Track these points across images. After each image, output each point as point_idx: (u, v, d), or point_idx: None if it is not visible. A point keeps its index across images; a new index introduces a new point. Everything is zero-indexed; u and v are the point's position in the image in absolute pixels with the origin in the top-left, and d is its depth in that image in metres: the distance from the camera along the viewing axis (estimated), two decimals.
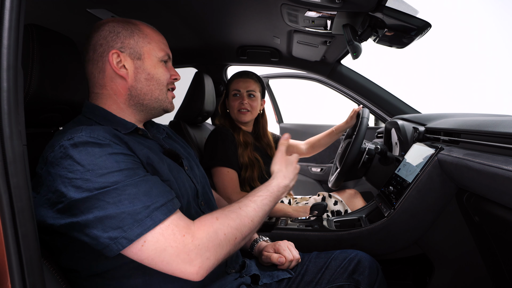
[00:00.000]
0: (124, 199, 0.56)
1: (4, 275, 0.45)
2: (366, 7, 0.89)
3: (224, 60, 1.94)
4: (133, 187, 0.58)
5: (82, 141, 0.58)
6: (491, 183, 0.69)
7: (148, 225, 0.56)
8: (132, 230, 0.54)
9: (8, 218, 0.45)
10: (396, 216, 1.04)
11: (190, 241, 0.58)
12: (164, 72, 0.77)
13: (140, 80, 0.74)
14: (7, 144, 0.45)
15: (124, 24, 0.74)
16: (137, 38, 0.74)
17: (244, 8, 1.22)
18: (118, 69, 0.72)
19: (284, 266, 0.87)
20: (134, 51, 0.73)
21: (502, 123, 0.74)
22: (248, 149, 1.43)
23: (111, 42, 0.72)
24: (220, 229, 0.62)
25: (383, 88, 1.81)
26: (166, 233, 0.57)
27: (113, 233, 0.54)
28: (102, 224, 0.54)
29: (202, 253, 0.58)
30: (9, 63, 0.45)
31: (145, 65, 0.74)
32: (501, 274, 0.92)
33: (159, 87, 0.76)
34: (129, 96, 0.74)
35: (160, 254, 0.56)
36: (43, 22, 0.99)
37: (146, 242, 0.55)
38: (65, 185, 0.55)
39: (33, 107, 0.68)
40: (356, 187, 2.16)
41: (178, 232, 0.58)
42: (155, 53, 0.75)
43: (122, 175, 0.58)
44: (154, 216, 0.57)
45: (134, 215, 0.55)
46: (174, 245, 0.57)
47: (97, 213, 0.54)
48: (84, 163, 0.56)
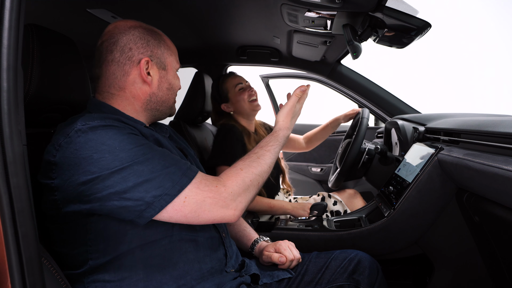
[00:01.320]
0: (157, 164, 0.61)
1: (4, 275, 0.45)
2: (366, 7, 0.89)
3: (224, 60, 1.94)
4: (160, 155, 0.64)
5: (98, 125, 0.60)
6: (491, 183, 0.69)
7: (185, 181, 0.63)
8: (173, 187, 0.61)
9: (8, 218, 0.45)
10: (396, 216, 1.04)
11: (223, 190, 0.67)
12: (179, 83, 0.84)
13: (163, 89, 0.79)
14: (7, 144, 0.45)
15: (152, 32, 0.78)
16: (163, 49, 0.78)
17: (244, 8, 1.22)
18: (146, 76, 0.75)
19: (284, 265, 0.87)
20: (160, 61, 0.78)
21: (502, 123, 0.74)
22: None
23: (142, 48, 0.74)
24: (246, 177, 0.71)
25: (383, 88, 1.81)
26: (201, 187, 0.65)
27: (156, 192, 0.59)
28: (143, 187, 0.58)
29: (235, 198, 0.68)
30: (9, 63, 0.45)
31: (168, 75, 0.79)
32: (501, 274, 0.92)
33: (174, 96, 0.83)
34: (148, 102, 0.77)
35: (201, 205, 0.63)
36: (43, 22, 0.99)
37: (187, 197, 0.62)
38: (94, 165, 0.57)
39: (33, 107, 0.68)
40: (356, 187, 2.16)
41: (211, 184, 0.66)
42: (174, 65, 0.82)
43: (146, 148, 0.63)
44: (188, 173, 0.64)
45: (170, 174, 0.62)
46: (211, 195, 0.65)
47: (135, 180, 0.58)
48: (108, 143, 0.59)
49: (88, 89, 0.80)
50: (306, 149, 1.85)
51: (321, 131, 1.78)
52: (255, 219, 1.36)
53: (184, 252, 0.68)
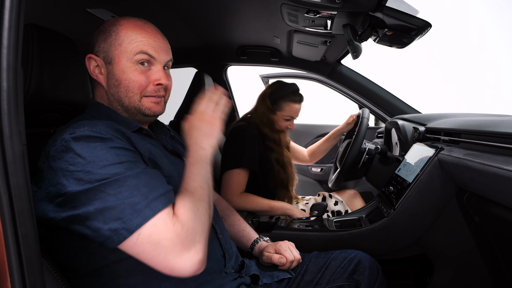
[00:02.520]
0: (124, 190, 0.56)
1: (4, 275, 0.45)
2: (366, 7, 0.89)
3: (224, 60, 1.94)
4: (134, 178, 0.58)
5: (84, 135, 0.58)
6: (491, 183, 0.69)
7: (147, 214, 0.55)
8: (131, 221, 0.54)
9: (8, 218, 0.45)
10: (396, 216, 1.04)
11: (180, 228, 0.57)
12: (135, 78, 0.69)
13: (111, 85, 0.71)
14: (7, 144, 0.45)
15: (107, 26, 0.71)
16: (111, 40, 0.69)
17: (244, 8, 1.22)
18: (94, 74, 0.72)
19: (285, 266, 0.87)
20: (107, 55, 0.70)
21: (502, 123, 0.74)
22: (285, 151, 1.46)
23: (92, 45, 0.72)
24: (193, 206, 0.61)
25: (383, 88, 1.81)
26: (158, 224, 0.56)
27: (113, 225, 0.54)
28: (103, 215, 0.54)
29: (194, 237, 0.58)
30: (8, 63, 0.45)
31: (114, 69, 0.70)
32: (501, 274, 0.92)
33: (128, 94, 0.70)
34: (109, 101, 0.73)
35: (155, 248, 0.55)
36: (43, 22, 0.99)
37: (140, 234, 0.54)
38: (66, 178, 0.55)
39: (33, 107, 0.67)
40: (356, 187, 2.16)
41: (169, 221, 0.57)
42: (126, 55, 0.69)
43: (122, 167, 0.58)
44: (153, 206, 0.57)
45: (133, 205, 0.55)
46: (168, 236, 0.55)
47: (98, 205, 0.54)
48: (85, 156, 0.56)
49: (88, 89, 0.80)
50: (309, 162, 1.85)
51: (324, 143, 1.78)
52: (255, 219, 1.36)
53: None
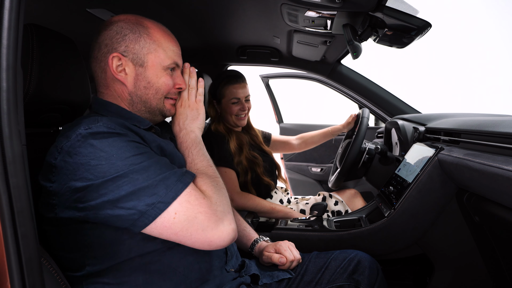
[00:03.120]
0: (152, 172, 0.59)
1: (4, 275, 0.45)
2: (366, 7, 0.89)
3: (224, 60, 1.94)
4: (157, 163, 0.61)
5: (100, 131, 0.59)
6: (491, 183, 0.69)
7: (180, 187, 0.60)
8: (166, 194, 0.58)
9: (8, 218, 0.45)
10: (396, 216, 1.04)
11: (210, 201, 0.62)
12: (166, 82, 0.74)
13: (140, 87, 0.73)
14: (7, 144, 0.45)
15: (134, 25, 0.71)
16: (143, 43, 0.71)
17: (244, 8, 1.22)
18: (117, 73, 0.71)
19: (285, 266, 0.87)
20: (137, 57, 0.71)
21: (502, 123, 0.74)
22: (244, 151, 1.42)
23: (115, 44, 0.70)
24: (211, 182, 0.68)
25: (383, 88, 1.81)
26: (191, 200, 0.60)
27: (149, 200, 0.57)
28: (136, 195, 0.57)
29: (223, 209, 0.63)
30: (8, 63, 0.45)
31: (147, 72, 0.72)
32: (501, 274, 0.92)
33: (156, 96, 0.74)
34: (131, 102, 0.74)
35: (193, 222, 0.59)
36: (42, 21, 0.99)
37: (177, 213, 0.58)
38: (90, 172, 0.56)
39: (32, 107, 0.67)
40: (356, 187, 2.16)
41: (200, 196, 0.61)
42: (161, 61, 0.72)
43: (144, 156, 0.61)
44: (183, 179, 0.61)
45: (164, 181, 0.59)
46: (202, 210, 0.60)
47: (128, 189, 0.56)
48: (106, 150, 0.58)
49: (88, 89, 0.80)
50: (298, 150, 1.83)
51: (320, 135, 1.77)
52: (255, 219, 1.36)
53: (184, 256, 0.68)
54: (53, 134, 0.79)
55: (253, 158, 1.42)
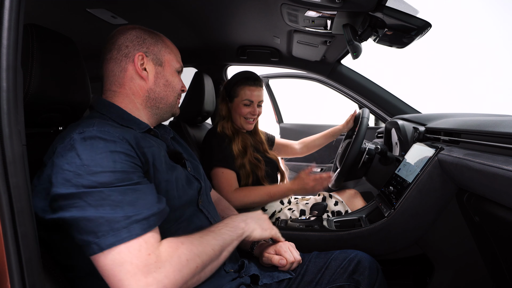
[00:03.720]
0: (106, 204, 0.54)
1: (4, 275, 0.45)
2: (366, 7, 0.89)
3: (224, 60, 1.94)
4: (119, 194, 0.56)
5: (91, 136, 0.60)
6: (491, 183, 0.69)
7: (123, 236, 0.53)
8: (105, 238, 0.52)
9: (8, 218, 0.45)
10: (396, 216, 1.04)
11: (153, 261, 0.54)
12: (178, 82, 0.85)
13: (159, 84, 0.80)
14: (7, 144, 0.45)
15: (150, 33, 0.81)
16: (161, 47, 0.80)
17: (244, 8, 1.22)
18: (141, 70, 0.77)
19: (285, 268, 0.87)
20: (157, 57, 0.79)
21: (502, 123, 0.74)
22: (248, 154, 1.40)
23: (137, 45, 0.77)
24: (184, 254, 0.59)
25: (383, 88, 1.81)
26: (132, 248, 0.54)
27: (86, 237, 0.53)
28: (77, 225, 0.54)
29: (160, 278, 0.54)
30: (8, 63, 0.45)
31: (165, 72, 0.81)
32: (501, 274, 0.92)
33: (173, 93, 0.83)
34: (147, 98, 0.79)
35: (116, 268, 0.52)
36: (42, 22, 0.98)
37: (110, 252, 0.53)
38: (56, 176, 0.56)
39: (32, 107, 0.67)
40: (356, 187, 2.16)
41: (145, 249, 0.54)
42: (174, 63, 0.83)
43: (113, 177, 0.57)
44: (132, 228, 0.54)
45: (112, 223, 0.53)
46: (134, 262, 0.53)
47: (75, 213, 0.53)
48: (82, 157, 0.57)
49: (88, 89, 0.80)
50: (301, 155, 1.82)
51: (320, 138, 1.77)
52: None
53: None
54: (53, 134, 0.79)
55: (256, 162, 1.41)
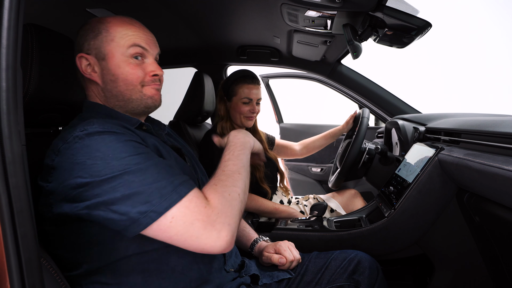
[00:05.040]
0: (149, 176, 0.57)
1: (3, 275, 0.45)
2: (366, 6, 0.89)
3: (224, 60, 1.94)
4: (155, 166, 0.60)
5: (97, 131, 0.59)
6: (491, 183, 0.69)
7: (174, 198, 0.57)
8: (160, 204, 0.56)
9: (7, 218, 0.45)
10: (397, 216, 1.04)
11: (211, 211, 0.59)
12: (132, 70, 0.70)
13: (107, 81, 0.71)
14: (6, 144, 0.45)
15: (95, 24, 0.71)
16: (101, 37, 0.70)
17: (244, 8, 1.22)
18: (86, 73, 0.70)
19: (284, 266, 0.87)
20: (99, 51, 0.70)
21: (503, 123, 0.74)
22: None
23: (80, 45, 0.71)
24: (224, 191, 0.63)
25: (383, 88, 1.81)
26: (191, 206, 0.58)
27: (142, 208, 0.55)
28: (130, 200, 0.55)
29: (224, 220, 0.59)
30: (8, 62, 0.45)
31: (109, 65, 0.70)
32: (501, 274, 0.92)
33: (128, 87, 0.71)
34: (106, 99, 0.73)
35: (189, 229, 0.57)
36: (42, 21, 0.99)
37: (174, 217, 0.57)
38: (85, 171, 0.56)
39: (32, 107, 0.67)
40: (356, 187, 2.16)
41: (200, 204, 0.59)
42: (120, 50, 0.69)
43: (141, 157, 0.60)
44: (179, 190, 0.59)
45: (160, 189, 0.57)
46: (200, 218, 0.58)
47: (123, 191, 0.55)
48: (103, 150, 0.57)
49: None
50: (300, 156, 1.83)
51: (320, 139, 1.77)
52: (255, 219, 1.36)
53: (183, 255, 0.67)
54: (53, 134, 0.79)
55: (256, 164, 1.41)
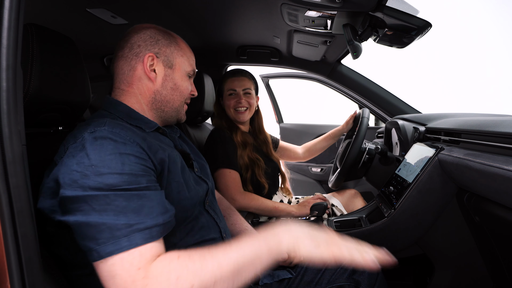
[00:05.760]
0: (110, 210, 0.53)
1: (4, 275, 0.45)
2: (366, 6, 0.89)
3: (224, 60, 1.94)
4: (124, 199, 0.54)
5: (102, 136, 0.59)
6: (491, 183, 0.69)
7: (123, 245, 0.52)
8: (105, 246, 0.51)
9: (8, 218, 0.45)
10: (397, 216, 1.04)
11: (141, 277, 0.51)
12: (188, 86, 0.82)
13: (166, 87, 0.78)
14: (7, 144, 0.45)
15: (164, 33, 0.79)
16: (173, 49, 0.78)
17: (244, 8, 1.22)
18: (149, 71, 0.75)
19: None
20: (168, 59, 0.77)
21: (503, 123, 0.74)
22: (247, 149, 1.42)
23: (149, 46, 0.75)
24: (175, 270, 0.52)
25: (383, 88, 1.81)
26: (126, 259, 0.52)
27: (88, 243, 0.52)
28: (81, 230, 0.53)
29: None
30: (8, 62, 0.45)
31: (174, 74, 0.78)
32: (501, 274, 0.92)
33: (180, 98, 0.81)
34: (153, 100, 0.77)
35: (110, 280, 0.52)
36: (42, 21, 0.98)
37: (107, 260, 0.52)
38: (64, 176, 0.55)
39: (32, 107, 0.67)
40: (356, 187, 2.16)
41: (137, 262, 0.52)
42: (185, 66, 0.80)
43: (120, 179, 0.55)
44: (133, 237, 0.53)
45: (113, 230, 0.52)
46: (124, 277, 0.51)
47: (79, 217, 0.53)
48: (91, 157, 0.56)
49: (88, 89, 0.80)
50: (303, 159, 1.84)
51: (321, 141, 1.78)
52: (255, 219, 1.36)
53: None
54: (53, 134, 0.79)
55: (255, 159, 1.42)
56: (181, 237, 0.69)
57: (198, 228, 0.74)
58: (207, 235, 0.75)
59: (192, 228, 0.73)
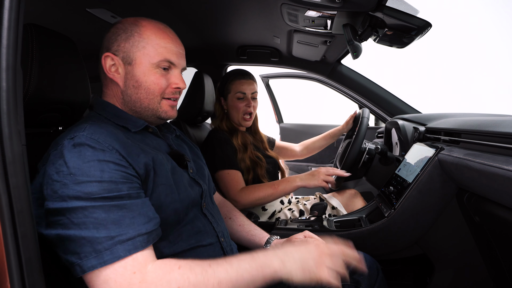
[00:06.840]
0: (89, 223, 0.52)
1: (3, 275, 0.45)
2: (366, 6, 0.89)
3: (224, 60, 1.94)
4: (103, 211, 0.53)
5: (80, 142, 0.57)
6: (491, 183, 0.69)
7: (105, 259, 0.51)
8: (87, 260, 0.51)
9: (7, 218, 0.45)
10: (397, 216, 1.04)
11: (138, 281, 0.51)
12: (157, 81, 0.71)
13: (129, 86, 0.71)
14: (6, 144, 0.45)
15: (128, 25, 0.71)
16: (133, 42, 0.69)
17: (244, 7, 1.22)
18: (109, 73, 0.71)
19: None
20: (127, 55, 0.70)
21: (503, 123, 0.74)
22: (248, 151, 1.41)
23: (109, 44, 0.71)
24: (176, 281, 0.52)
25: (383, 88, 1.81)
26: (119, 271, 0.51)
27: (70, 257, 0.52)
28: (62, 244, 0.52)
29: None
30: (8, 62, 0.45)
31: (134, 71, 0.70)
32: (501, 274, 0.92)
33: (148, 96, 0.71)
34: (123, 101, 0.73)
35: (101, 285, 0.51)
36: (42, 21, 0.98)
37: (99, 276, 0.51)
38: (46, 186, 0.55)
39: (32, 107, 0.67)
40: (356, 187, 2.16)
41: (131, 267, 0.52)
42: (149, 58, 0.69)
43: (100, 187, 0.54)
44: (115, 250, 0.52)
45: (94, 243, 0.51)
46: (118, 281, 0.51)
47: (60, 231, 0.52)
48: (70, 165, 0.55)
49: (88, 89, 0.80)
50: (300, 157, 1.83)
51: (320, 140, 1.77)
52: (255, 219, 1.36)
53: (182, 255, 0.67)
54: (53, 134, 0.79)
55: (257, 159, 1.41)
56: (175, 240, 0.68)
57: (194, 232, 0.72)
58: (204, 240, 0.73)
59: (188, 232, 0.71)
